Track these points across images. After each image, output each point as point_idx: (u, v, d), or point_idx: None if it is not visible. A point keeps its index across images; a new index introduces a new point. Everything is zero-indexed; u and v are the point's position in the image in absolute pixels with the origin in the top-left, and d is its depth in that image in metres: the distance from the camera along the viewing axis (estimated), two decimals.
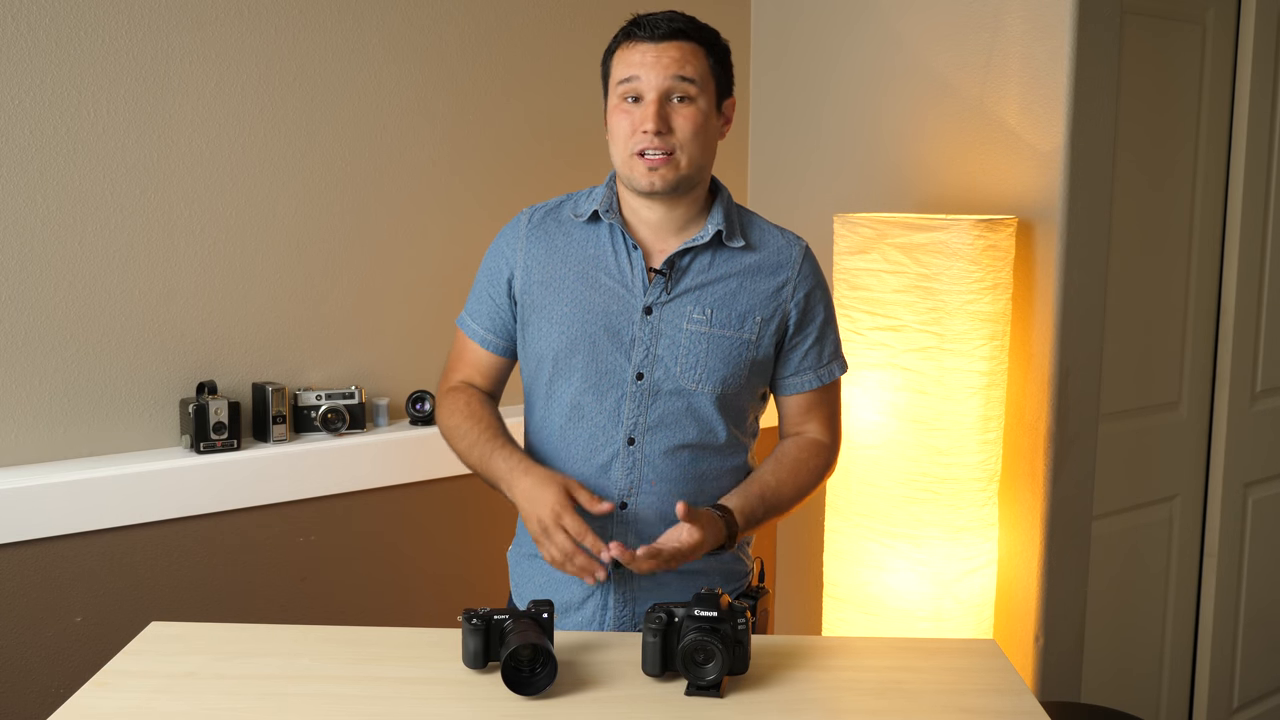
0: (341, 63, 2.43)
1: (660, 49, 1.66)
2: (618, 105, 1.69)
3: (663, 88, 1.65)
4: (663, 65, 1.65)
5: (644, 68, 1.65)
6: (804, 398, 1.82)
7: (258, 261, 2.37)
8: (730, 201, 1.78)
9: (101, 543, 2.18)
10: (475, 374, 1.87)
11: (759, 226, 1.80)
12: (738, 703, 1.46)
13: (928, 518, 2.28)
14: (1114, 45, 2.39)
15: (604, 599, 1.77)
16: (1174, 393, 2.80)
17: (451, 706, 1.44)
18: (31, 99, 2.11)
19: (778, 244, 1.79)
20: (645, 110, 1.66)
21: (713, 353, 1.72)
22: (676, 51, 1.66)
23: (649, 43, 1.66)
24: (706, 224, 1.74)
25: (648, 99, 1.66)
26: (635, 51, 1.67)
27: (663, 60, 1.65)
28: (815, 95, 2.89)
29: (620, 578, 1.75)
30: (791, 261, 1.78)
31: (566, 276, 1.75)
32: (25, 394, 2.16)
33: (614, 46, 1.72)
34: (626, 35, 1.70)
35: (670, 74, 1.65)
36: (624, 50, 1.69)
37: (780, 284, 1.77)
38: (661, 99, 1.65)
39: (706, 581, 1.79)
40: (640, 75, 1.66)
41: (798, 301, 1.78)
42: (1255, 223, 2.83)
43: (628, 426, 1.73)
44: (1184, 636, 2.92)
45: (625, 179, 1.71)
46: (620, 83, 1.68)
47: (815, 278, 1.81)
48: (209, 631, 1.66)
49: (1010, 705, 1.47)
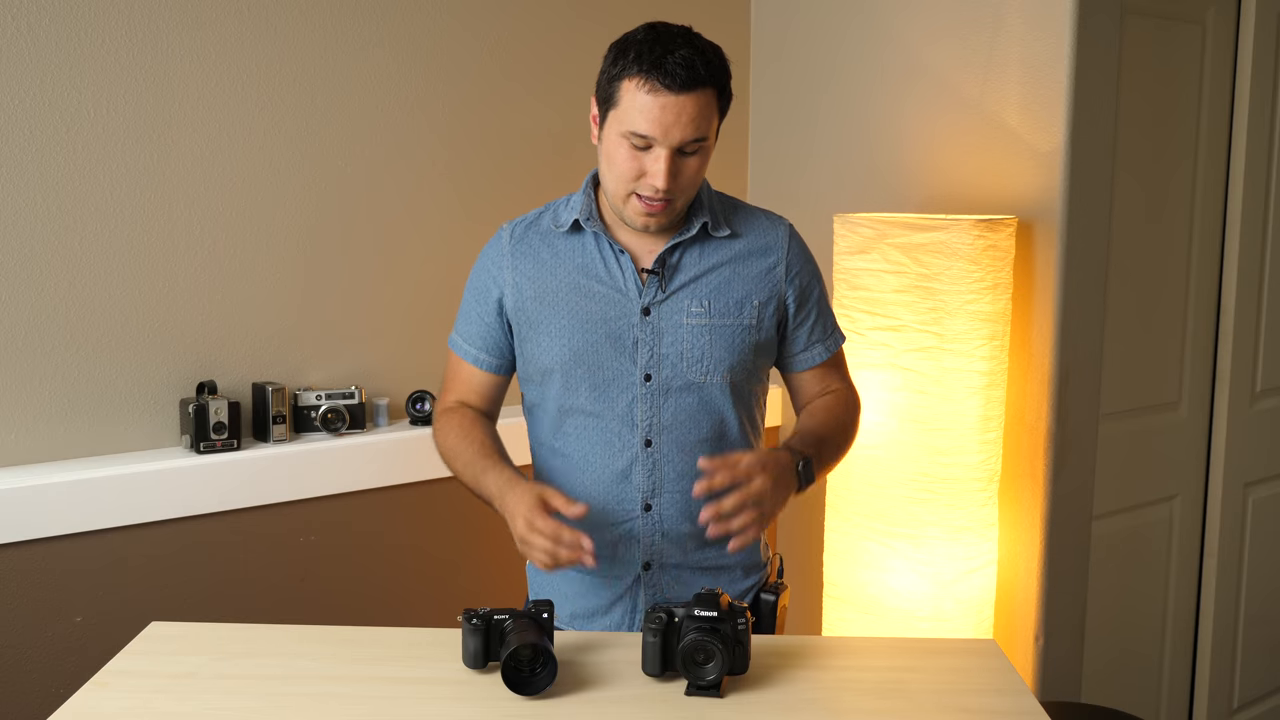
0: (341, 63, 2.42)
1: (680, 103, 1.58)
2: (620, 143, 1.63)
3: (677, 145, 1.61)
4: (681, 125, 1.59)
5: (661, 128, 1.58)
6: (816, 370, 1.85)
7: (258, 261, 2.37)
8: (711, 192, 1.79)
9: (101, 543, 2.18)
10: (470, 394, 1.86)
11: (741, 211, 1.81)
12: (738, 703, 1.46)
13: (928, 518, 2.28)
14: (1114, 45, 2.39)
15: (633, 601, 1.78)
16: (1174, 393, 2.80)
17: (451, 706, 1.44)
18: (31, 99, 2.11)
19: (762, 226, 1.80)
20: (656, 165, 1.61)
21: (716, 343, 1.73)
22: (694, 107, 1.59)
23: (669, 94, 1.58)
24: (691, 219, 1.74)
25: (659, 152, 1.61)
26: (654, 104, 1.58)
27: (681, 119, 1.59)
28: (815, 95, 2.89)
29: (649, 579, 1.76)
30: (779, 242, 1.79)
31: (559, 289, 1.74)
32: (25, 394, 2.16)
33: (621, 74, 1.61)
34: (641, 73, 1.59)
35: (688, 135, 1.60)
36: (638, 91, 1.59)
37: (771, 265, 1.78)
38: (673, 153, 1.61)
39: (730, 575, 1.81)
40: (656, 136, 1.59)
41: (792, 281, 1.79)
42: (1255, 223, 2.83)
43: (643, 429, 1.73)
44: (1184, 636, 2.92)
45: (616, 209, 1.70)
46: (631, 133, 1.60)
47: (804, 254, 1.83)
48: (209, 631, 1.66)
49: (1010, 705, 1.47)
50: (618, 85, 1.62)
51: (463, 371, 1.86)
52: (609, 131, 1.65)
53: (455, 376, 1.87)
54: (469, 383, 1.85)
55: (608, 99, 1.64)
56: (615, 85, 1.62)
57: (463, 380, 1.86)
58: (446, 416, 1.84)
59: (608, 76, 1.65)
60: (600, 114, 1.68)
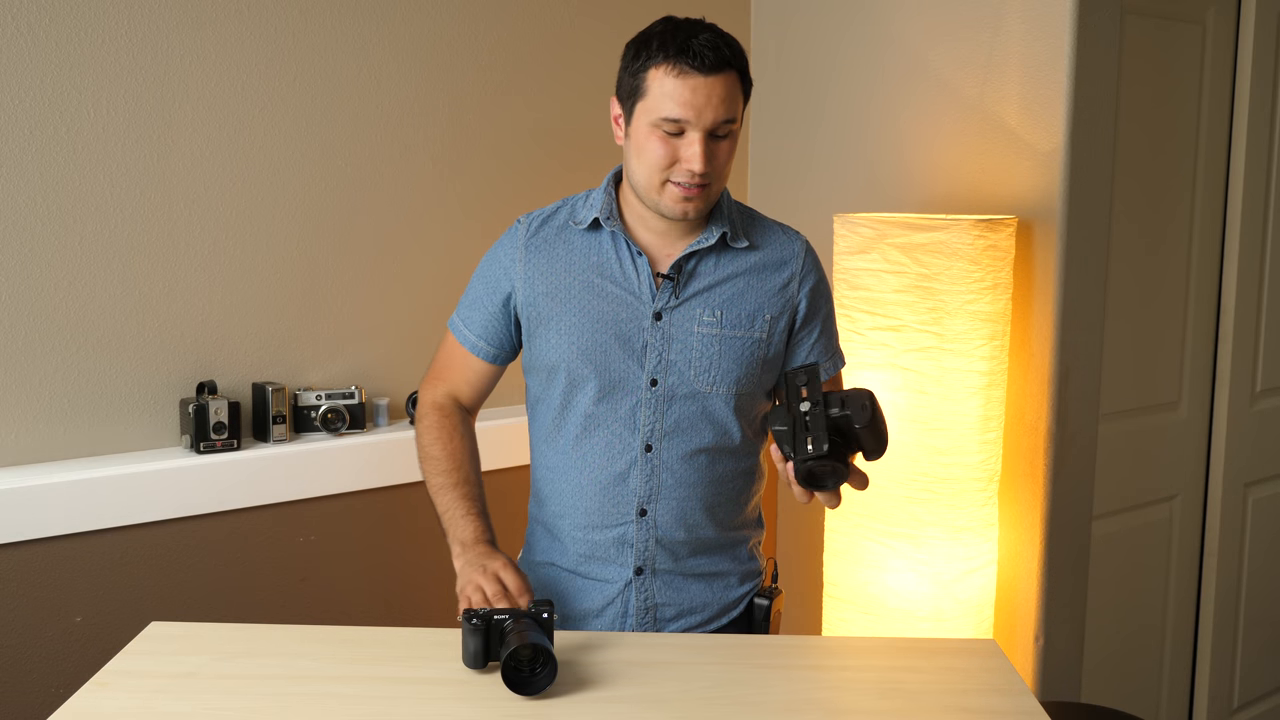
0: (342, 62, 2.43)
1: (710, 84, 1.59)
2: (652, 132, 1.62)
3: (711, 128, 1.61)
4: (713, 106, 1.59)
5: (694, 110, 1.58)
6: None
7: (258, 261, 2.37)
8: (731, 201, 1.78)
9: (101, 543, 2.18)
10: (462, 382, 1.86)
11: (760, 224, 1.80)
12: (738, 702, 1.46)
13: (928, 518, 2.28)
14: (1114, 45, 2.39)
15: (624, 605, 1.77)
16: (1174, 393, 2.80)
17: (451, 706, 1.44)
18: (31, 99, 2.11)
19: (779, 240, 1.79)
20: (692, 150, 1.60)
21: (725, 354, 1.72)
22: (723, 88, 1.60)
23: (699, 75, 1.58)
24: (711, 226, 1.73)
25: (692, 136, 1.60)
26: (684, 86, 1.58)
27: (712, 100, 1.59)
28: (815, 95, 2.89)
29: (641, 584, 1.76)
30: (794, 256, 1.78)
31: (572, 286, 1.74)
32: (25, 394, 2.16)
33: (648, 61, 1.62)
34: (668, 59, 1.59)
35: (720, 116, 1.60)
36: (667, 76, 1.59)
37: (786, 280, 1.77)
38: (706, 136, 1.61)
39: (724, 581, 1.81)
40: (690, 119, 1.59)
41: (805, 295, 1.78)
42: (1255, 223, 2.83)
43: (645, 433, 1.72)
44: (1184, 636, 2.92)
45: (650, 203, 1.67)
46: (664, 119, 1.60)
47: (818, 272, 1.81)
48: (209, 631, 1.66)
49: (1010, 705, 1.47)
50: (643, 76, 1.62)
51: (458, 357, 1.85)
52: (637, 124, 1.64)
53: (449, 361, 1.86)
54: (463, 370, 1.85)
55: (634, 92, 1.64)
56: (641, 77, 1.63)
57: (457, 366, 1.85)
58: (434, 415, 1.83)
59: (630, 71, 1.65)
60: (626, 111, 1.67)
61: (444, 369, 1.87)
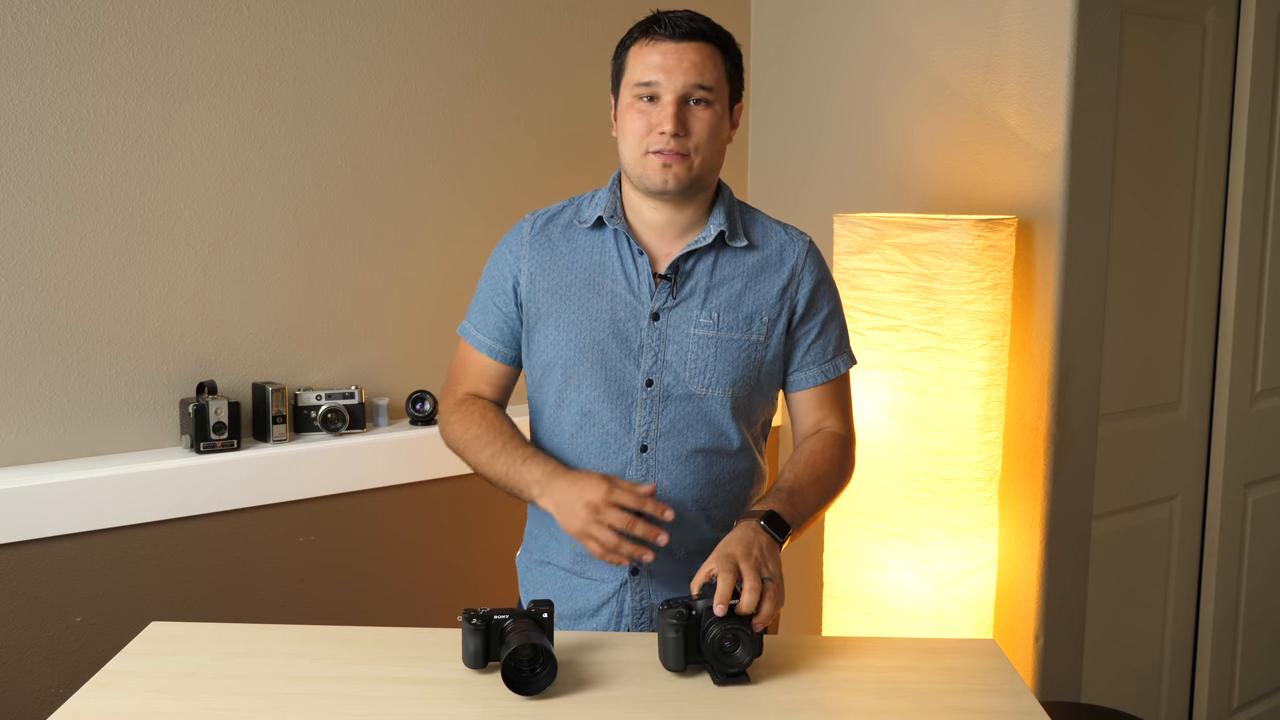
0: (341, 62, 2.43)
1: (681, 49, 1.64)
2: (632, 104, 1.67)
3: (682, 90, 1.64)
4: (683, 69, 1.64)
5: (664, 71, 1.64)
6: (811, 393, 1.80)
7: (258, 261, 2.37)
8: (732, 200, 1.78)
9: (101, 543, 2.18)
10: (483, 384, 1.84)
11: (761, 224, 1.79)
12: (738, 703, 1.46)
13: (928, 518, 2.28)
14: (1114, 45, 2.39)
15: (619, 605, 1.76)
16: (1174, 393, 2.80)
17: (451, 706, 1.44)
18: (31, 99, 2.11)
19: (780, 241, 1.78)
20: (663, 111, 1.64)
21: (721, 356, 1.72)
22: (696, 54, 1.64)
23: (670, 41, 1.64)
24: (709, 224, 1.73)
25: (665, 99, 1.64)
26: (655, 51, 1.65)
27: (683, 63, 1.64)
28: (815, 95, 2.89)
29: (636, 584, 1.75)
30: (795, 258, 1.77)
31: (573, 284, 1.74)
32: (25, 394, 2.16)
33: (628, 42, 1.70)
34: (644, 32, 1.67)
35: (691, 79, 1.64)
36: (642, 48, 1.67)
37: (785, 282, 1.76)
38: (679, 101, 1.64)
39: None
40: (660, 80, 1.64)
41: (804, 294, 1.77)
42: (1255, 223, 2.83)
43: (640, 433, 1.72)
44: (1184, 636, 2.92)
45: (636, 178, 1.69)
46: (638, 84, 1.66)
47: (820, 272, 1.80)
48: (209, 631, 1.66)
49: (1010, 705, 1.47)
50: (624, 55, 1.71)
51: (473, 362, 1.84)
52: (622, 103, 1.70)
53: (465, 367, 1.85)
54: (481, 373, 1.83)
55: (618, 73, 1.72)
56: (622, 58, 1.71)
57: (474, 371, 1.84)
58: (464, 407, 1.81)
59: (616, 58, 1.73)
60: (614, 95, 1.74)
61: (461, 376, 1.86)
